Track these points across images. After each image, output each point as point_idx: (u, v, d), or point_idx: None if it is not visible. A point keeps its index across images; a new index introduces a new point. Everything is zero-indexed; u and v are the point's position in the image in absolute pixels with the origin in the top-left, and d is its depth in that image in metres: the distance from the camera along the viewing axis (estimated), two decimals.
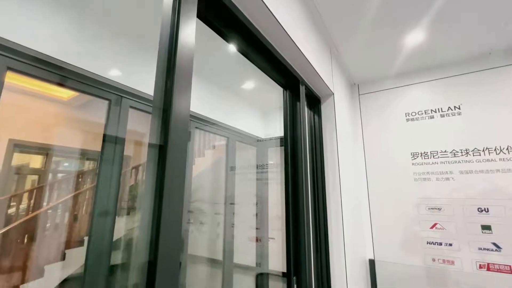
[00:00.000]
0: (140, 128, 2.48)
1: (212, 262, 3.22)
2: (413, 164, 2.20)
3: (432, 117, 2.22)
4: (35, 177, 3.94)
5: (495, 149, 1.95)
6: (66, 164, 4.11)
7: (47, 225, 2.93)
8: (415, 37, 1.84)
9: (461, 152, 2.05)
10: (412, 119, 2.29)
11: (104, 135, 1.82)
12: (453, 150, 2.08)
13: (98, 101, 1.93)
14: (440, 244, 1.99)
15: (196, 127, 2.77)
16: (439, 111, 2.20)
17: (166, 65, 0.74)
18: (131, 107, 2.02)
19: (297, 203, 1.40)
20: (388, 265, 2.14)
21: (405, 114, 2.32)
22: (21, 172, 3.60)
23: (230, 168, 3.21)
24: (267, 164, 3.33)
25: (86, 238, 2.65)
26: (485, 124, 2.01)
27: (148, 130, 0.70)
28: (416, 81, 2.33)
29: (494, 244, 1.83)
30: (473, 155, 2.00)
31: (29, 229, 2.76)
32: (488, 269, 1.82)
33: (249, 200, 3.25)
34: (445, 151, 2.11)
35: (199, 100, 2.61)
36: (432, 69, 2.27)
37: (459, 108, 2.13)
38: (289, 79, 1.54)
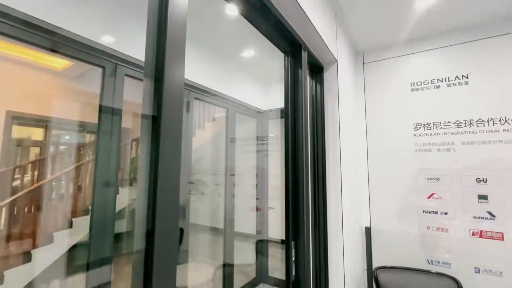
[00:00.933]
0: (138, 99, 2.42)
1: (214, 230, 3.36)
2: (414, 135, 2.18)
3: (438, 86, 2.14)
4: (37, 149, 3.99)
5: (500, 120, 1.90)
6: (67, 137, 4.15)
7: (53, 195, 3.01)
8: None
9: (465, 123, 2.01)
10: (417, 89, 2.21)
11: (100, 106, 1.78)
12: (457, 121, 2.04)
13: (93, 71, 1.86)
14: (436, 213, 2.04)
15: (195, 98, 2.71)
16: (445, 81, 2.12)
17: (156, 28, 0.69)
18: (127, 75, 1.94)
19: (296, 173, 1.40)
20: (383, 232, 2.22)
21: (410, 84, 2.24)
22: (22, 144, 3.63)
23: (230, 140, 3.20)
24: (267, 136, 3.31)
25: (91, 208, 2.74)
26: (492, 94, 1.95)
27: None
28: (424, 48, 2.22)
29: (489, 212, 1.87)
30: (477, 126, 1.97)
31: (36, 199, 2.84)
32: (481, 236, 1.88)
33: (250, 171, 3.30)
34: (448, 122, 2.07)
35: (197, 69, 2.51)
36: (442, 35, 2.14)
37: (467, 77, 2.04)
38: (291, 44, 1.46)
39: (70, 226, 2.79)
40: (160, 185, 0.61)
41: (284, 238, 1.38)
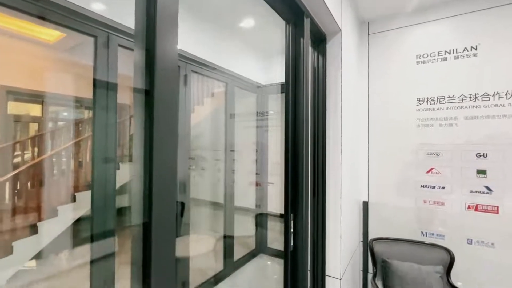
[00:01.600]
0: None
1: (214, 205, 3.44)
2: (417, 110, 2.14)
3: (445, 59, 2.06)
4: (36, 125, 3.97)
5: (506, 94, 1.85)
6: (65, 113, 4.13)
7: (54, 170, 3.03)
8: None
9: (470, 97, 1.96)
10: (423, 62, 2.13)
11: (94, 80, 1.72)
12: (462, 95, 1.99)
13: (86, 43, 1.77)
14: (433, 187, 2.07)
15: (193, 71, 2.62)
16: (453, 53, 2.03)
17: None
18: (121, 46, 1.85)
19: (296, 148, 1.38)
20: (380, 206, 2.27)
21: (416, 56, 2.15)
22: (21, 120, 3.60)
23: (229, 115, 3.15)
24: (267, 112, 3.26)
25: (91, 182, 2.78)
26: (501, 66, 1.87)
27: None
28: (432, 18, 2.09)
29: (486, 187, 1.89)
30: (482, 100, 1.92)
31: (38, 173, 2.87)
32: (476, 209, 1.92)
33: (249, 147, 3.30)
34: (452, 96, 2.02)
35: (194, 40, 2.40)
36: (451, 3, 2.01)
37: (476, 49, 1.95)
38: (293, 11, 1.36)
39: (74, 200, 2.85)
40: (156, 161, 0.60)
41: (283, 212, 1.40)
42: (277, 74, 3.26)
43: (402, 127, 2.19)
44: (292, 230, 1.32)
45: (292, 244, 1.32)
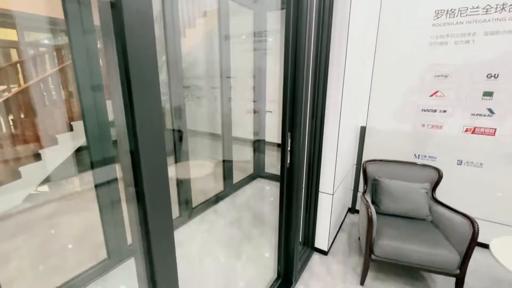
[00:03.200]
0: None
1: (212, 135, 3.46)
2: (433, 25, 1.91)
3: None
4: (14, 51, 3.70)
5: None
6: (44, 39, 3.80)
7: (45, 99, 2.93)
8: None
9: (496, 8, 1.72)
10: None
11: None
12: (487, 5, 1.74)
13: None
14: (435, 111, 2.02)
15: None
16: None
17: None
18: None
19: (297, 69, 1.27)
20: (377, 131, 2.27)
21: None
22: None
23: (224, 37, 2.86)
24: (265, 31, 2.95)
25: (81, 112, 2.73)
26: None
27: None
28: None
29: (489, 109, 1.85)
30: (509, 11, 1.69)
31: (28, 101, 2.78)
32: (473, 132, 1.92)
33: (246, 72, 3.11)
34: (477, 7, 1.77)
35: None
36: None
37: None
38: None
39: (71, 129, 2.84)
40: (135, 83, 0.50)
41: (280, 142, 1.38)
42: None
43: (413, 46, 2.00)
44: (289, 148, 1.32)
45: (288, 161, 1.34)
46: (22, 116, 2.77)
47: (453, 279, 1.57)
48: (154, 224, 0.60)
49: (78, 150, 2.90)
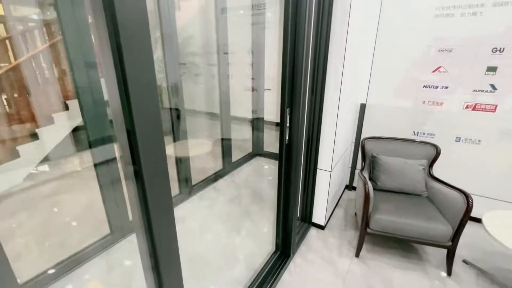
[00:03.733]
0: None
1: (210, 114, 3.42)
2: None
3: None
4: (2, 27, 3.55)
5: None
6: (34, 16, 3.62)
7: (38, 77, 2.85)
8: None
9: None
10: None
11: None
12: None
13: None
14: (436, 87, 1.99)
15: None
16: None
17: None
18: None
19: (297, 45, 1.22)
20: (377, 108, 2.24)
21: None
22: None
23: (221, 10, 2.73)
24: (264, 4, 2.81)
25: (75, 89, 2.68)
26: None
27: None
28: None
29: (492, 85, 1.81)
30: None
31: (20, 79, 2.71)
32: (474, 109, 1.90)
33: (244, 48, 3.00)
34: None
35: None
36: None
37: None
38: None
39: (67, 108, 2.79)
40: (127, 57, 0.48)
41: (279, 121, 1.36)
42: None
43: (418, 18, 1.92)
44: (288, 125, 1.30)
45: (287, 138, 1.34)
46: (16, 95, 2.71)
47: (445, 251, 1.64)
48: (153, 200, 0.60)
49: (76, 130, 2.88)
